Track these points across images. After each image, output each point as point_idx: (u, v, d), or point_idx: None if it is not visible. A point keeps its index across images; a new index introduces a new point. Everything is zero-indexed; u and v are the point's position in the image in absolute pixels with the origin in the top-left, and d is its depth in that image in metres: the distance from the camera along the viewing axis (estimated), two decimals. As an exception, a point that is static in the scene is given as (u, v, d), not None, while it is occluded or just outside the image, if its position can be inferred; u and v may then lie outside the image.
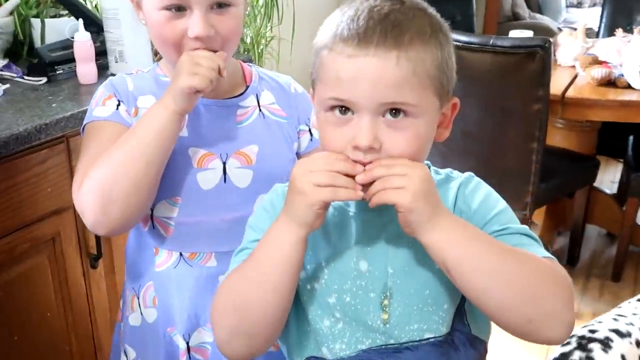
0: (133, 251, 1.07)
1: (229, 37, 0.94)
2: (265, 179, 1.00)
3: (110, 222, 0.92)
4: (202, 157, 0.97)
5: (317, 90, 0.76)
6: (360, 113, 0.71)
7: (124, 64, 1.55)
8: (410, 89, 0.70)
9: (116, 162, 0.90)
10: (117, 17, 1.52)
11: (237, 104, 1.02)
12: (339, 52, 0.71)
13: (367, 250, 0.78)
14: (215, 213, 0.99)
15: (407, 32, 0.70)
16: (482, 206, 0.77)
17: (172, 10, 0.91)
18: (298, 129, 1.07)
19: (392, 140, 0.71)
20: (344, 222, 0.79)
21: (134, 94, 0.99)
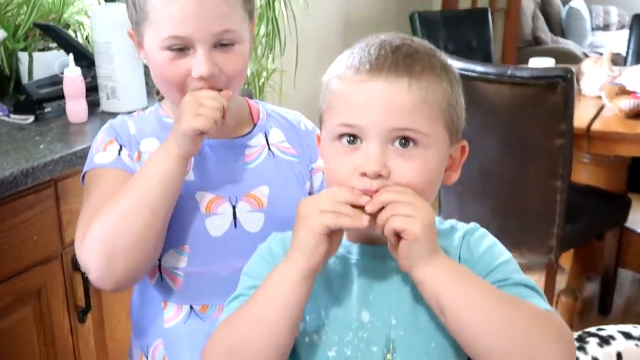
0: (138, 306, 1.08)
1: (234, 76, 0.97)
2: (278, 222, 1.02)
3: (116, 277, 0.94)
4: (210, 201, 1.00)
5: (325, 121, 0.80)
6: (369, 140, 0.75)
7: (116, 100, 1.59)
8: (422, 117, 0.74)
9: (120, 213, 0.92)
10: (109, 52, 1.56)
11: (244, 144, 1.04)
12: (349, 78, 0.76)
13: (369, 300, 0.79)
14: (227, 261, 1.00)
15: (419, 62, 0.76)
16: (486, 255, 0.80)
17: (175, 50, 0.94)
18: (310, 167, 1.09)
19: (401, 169, 0.75)
20: (346, 270, 0.81)
21: (137, 138, 1.02)
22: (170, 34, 0.93)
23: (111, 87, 1.59)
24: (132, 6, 0.97)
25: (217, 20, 0.93)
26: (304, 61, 2.55)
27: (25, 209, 1.27)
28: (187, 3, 0.92)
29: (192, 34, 0.93)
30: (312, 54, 3.08)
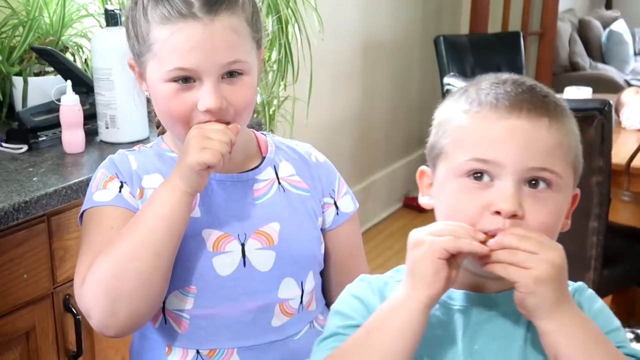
0: (139, 351, 1.10)
1: (242, 109, 1.00)
2: (290, 260, 1.05)
3: (118, 323, 0.96)
4: (218, 239, 1.02)
5: (447, 156, 0.84)
6: (502, 177, 0.79)
7: (115, 130, 1.63)
8: (558, 158, 0.80)
9: (123, 255, 0.94)
10: (110, 79, 1.60)
11: (253, 178, 1.07)
12: (485, 115, 0.81)
13: (475, 349, 0.83)
14: (236, 302, 1.03)
15: (553, 104, 0.82)
16: (599, 317, 0.84)
17: (179, 82, 0.97)
18: (322, 202, 1.12)
19: (535, 211, 0.79)
20: (448, 317, 0.85)
21: (139, 173, 1.04)
22: (176, 65, 0.96)
23: (111, 115, 1.62)
24: (134, 37, 1.00)
25: (225, 51, 0.96)
26: (319, 89, 2.59)
27: (15, 245, 1.30)
28: (193, 33, 0.95)
29: (199, 65, 0.95)
30: (328, 81, 3.12)
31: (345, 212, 1.15)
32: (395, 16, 3.76)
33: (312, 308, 1.11)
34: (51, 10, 1.83)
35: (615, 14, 6.42)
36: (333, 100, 3.28)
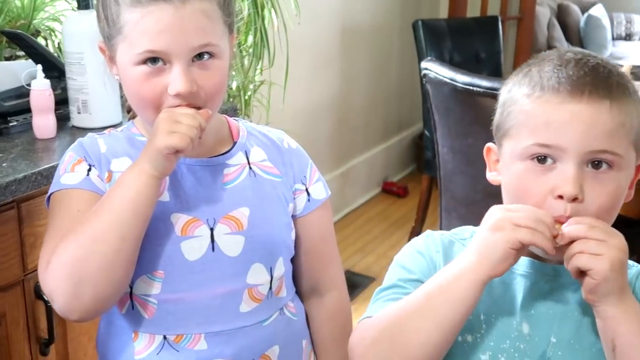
0: (106, 337, 1.10)
1: (213, 93, 1.00)
2: (259, 245, 1.05)
3: (83, 306, 0.96)
4: (187, 223, 1.02)
5: (511, 138, 0.88)
6: (564, 161, 0.83)
7: (87, 115, 1.61)
8: (619, 139, 0.83)
9: (87, 238, 0.94)
10: (81, 62, 1.58)
11: (223, 163, 1.07)
12: (547, 99, 0.84)
13: (531, 314, 0.89)
14: (204, 287, 1.02)
15: (615, 84, 0.84)
16: None
17: (149, 64, 0.96)
18: (293, 188, 1.12)
19: (594, 193, 0.83)
20: (510, 279, 0.90)
21: (107, 157, 1.04)
22: (146, 48, 0.95)
23: (83, 100, 1.61)
24: (104, 19, 1.00)
25: (195, 34, 0.96)
26: (296, 74, 2.57)
27: (-16, 232, 1.29)
28: (164, 16, 0.94)
29: (169, 48, 0.95)
30: (305, 65, 3.11)
31: (317, 198, 1.15)
32: (373, 0, 3.75)
33: (282, 294, 1.11)
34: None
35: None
36: (311, 84, 3.27)
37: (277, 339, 1.10)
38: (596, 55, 0.89)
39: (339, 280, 1.21)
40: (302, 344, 1.16)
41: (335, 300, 1.19)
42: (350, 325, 1.21)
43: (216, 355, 1.04)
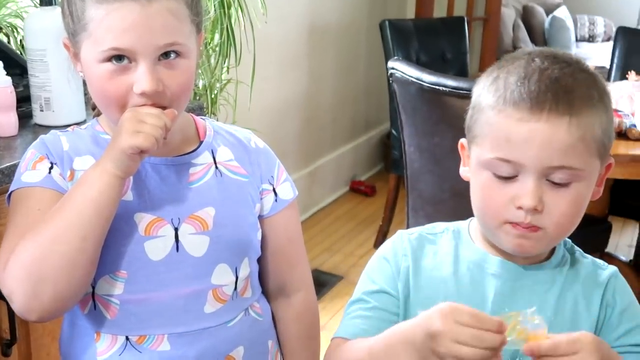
0: (68, 338, 1.08)
1: (178, 93, 0.99)
2: (225, 246, 1.04)
3: (42, 306, 0.94)
4: (151, 223, 1.01)
5: (477, 144, 0.90)
6: (524, 174, 0.85)
7: (50, 112, 1.58)
8: (578, 154, 0.84)
9: (47, 238, 0.92)
10: (44, 60, 1.55)
11: (189, 162, 1.06)
12: (508, 115, 0.85)
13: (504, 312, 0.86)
14: (167, 287, 1.02)
15: (578, 98, 0.85)
16: (628, 310, 0.93)
17: (114, 61, 0.95)
18: (260, 188, 1.11)
19: (554, 203, 0.85)
20: (481, 278, 0.93)
21: (70, 155, 1.02)
22: (111, 46, 0.94)
23: (45, 98, 1.58)
24: (68, 15, 0.98)
25: (162, 33, 0.95)
26: (263, 73, 2.57)
27: (-57, 232, 1.26)
28: (129, 13, 0.93)
29: (135, 46, 0.94)
30: (273, 64, 3.10)
31: (284, 199, 1.14)
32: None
33: (247, 295, 1.11)
34: (-17, -12, 1.77)
35: (558, 1, 6.53)
36: (278, 83, 3.26)
37: (241, 340, 1.09)
38: (564, 55, 0.89)
39: (306, 280, 1.21)
40: (268, 344, 1.15)
41: (302, 300, 1.19)
42: (317, 325, 1.21)
43: (179, 356, 1.03)
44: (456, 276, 0.94)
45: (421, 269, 0.96)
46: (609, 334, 0.92)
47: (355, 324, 0.95)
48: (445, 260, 0.96)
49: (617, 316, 0.93)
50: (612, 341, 0.92)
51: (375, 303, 0.95)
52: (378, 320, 0.95)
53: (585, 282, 0.94)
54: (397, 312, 0.95)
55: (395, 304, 0.95)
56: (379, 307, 0.96)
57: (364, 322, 0.95)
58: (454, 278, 0.94)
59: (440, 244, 0.98)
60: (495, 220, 0.89)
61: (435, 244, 0.98)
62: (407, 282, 0.96)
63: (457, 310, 0.77)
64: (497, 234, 0.91)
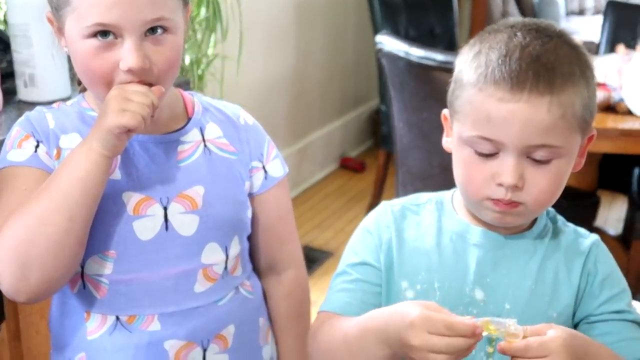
0: (58, 317, 1.08)
1: (166, 69, 0.97)
2: (214, 225, 1.04)
3: (30, 288, 0.94)
4: (139, 202, 1.00)
5: (457, 122, 0.91)
6: (505, 152, 0.86)
7: (34, 88, 1.57)
8: (558, 133, 0.85)
9: (34, 218, 0.91)
10: (27, 34, 1.53)
11: (177, 140, 1.05)
12: (489, 94, 0.85)
13: (486, 282, 0.92)
14: (157, 267, 1.01)
15: (559, 76, 0.84)
16: (610, 278, 0.94)
17: (99, 37, 0.93)
18: (250, 166, 1.11)
19: (535, 180, 0.86)
20: (464, 249, 0.94)
21: (56, 133, 1.01)
22: (95, 21, 0.92)
23: (29, 73, 1.56)
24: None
25: (148, 7, 0.93)
26: (250, 47, 2.55)
27: None
28: None
29: (120, 21, 0.92)
30: (259, 39, 3.08)
31: (274, 176, 1.14)
32: (329, -26, 3.73)
33: (237, 273, 1.11)
34: (-37, -38, 1.75)
35: (548, -25, 6.51)
36: (266, 59, 3.24)
37: (232, 319, 1.09)
38: (548, 28, 0.88)
39: (297, 257, 1.21)
40: (259, 322, 1.15)
41: (293, 278, 1.19)
42: (307, 302, 1.22)
43: (170, 336, 1.03)
44: (439, 247, 0.95)
45: (404, 240, 0.97)
46: (590, 302, 0.93)
47: (338, 297, 0.97)
48: (428, 231, 0.97)
49: (598, 284, 0.93)
50: (594, 309, 0.93)
51: (357, 275, 0.97)
52: (361, 292, 0.96)
53: (566, 251, 0.95)
54: (380, 283, 0.96)
55: (377, 275, 0.96)
56: (361, 280, 0.97)
57: (347, 295, 0.96)
58: (437, 249, 0.95)
59: (423, 215, 0.98)
60: (476, 195, 0.90)
61: (418, 215, 0.98)
62: (389, 253, 0.97)
63: (429, 321, 0.78)
64: (478, 208, 0.92)
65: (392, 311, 0.84)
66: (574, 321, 0.94)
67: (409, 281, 0.94)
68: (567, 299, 0.93)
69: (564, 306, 0.93)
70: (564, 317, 0.93)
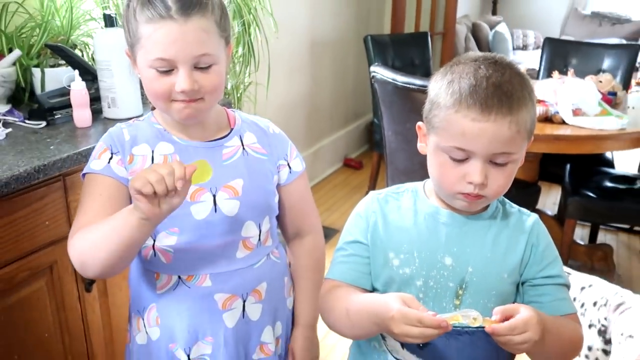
0: (135, 277, 1.09)
1: (211, 90, 0.97)
2: (251, 208, 1.04)
3: (90, 275, 0.97)
4: (195, 192, 1.00)
5: (434, 134, 0.89)
6: (475, 158, 0.85)
7: (116, 109, 1.57)
8: (514, 143, 0.85)
9: (89, 244, 0.92)
10: (110, 68, 1.54)
11: (222, 145, 1.05)
12: (464, 115, 0.84)
13: (453, 251, 0.92)
14: (209, 239, 1.01)
15: (515, 100, 0.84)
16: (547, 249, 0.94)
17: (160, 67, 0.94)
18: (277, 164, 1.10)
19: (495, 178, 0.86)
20: (435, 227, 0.93)
21: (131, 144, 1.02)
22: (157, 56, 0.93)
23: (111, 97, 1.57)
24: (127, 32, 0.97)
25: (196, 45, 0.93)
26: (275, 76, 2.55)
27: (37, 200, 1.25)
28: (171, 31, 0.92)
29: (176, 56, 0.93)
30: (282, 70, 3.08)
31: (296, 171, 1.13)
32: (335, 20, 3.71)
33: (268, 244, 1.10)
34: (61, 15, 1.75)
35: (499, 19, 6.47)
36: (287, 85, 3.24)
37: (264, 277, 1.09)
38: (502, 61, 0.87)
39: (316, 227, 1.20)
40: (284, 280, 1.15)
41: (312, 240, 1.18)
42: (322, 261, 1.20)
43: (218, 290, 1.04)
44: (416, 225, 0.93)
45: (389, 221, 0.95)
46: (533, 267, 0.92)
47: (339, 268, 0.97)
48: (407, 213, 0.96)
49: (540, 253, 0.92)
50: (535, 273, 0.92)
51: (351, 251, 0.96)
52: (354, 264, 0.95)
53: (513, 228, 0.94)
54: (368, 255, 0.95)
55: (366, 249, 0.95)
56: (354, 254, 0.96)
57: (345, 266, 0.96)
58: (415, 227, 0.93)
59: (402, 201, 0.97)
60: (449, 191, 0.89)
61: (398, 200, 0.97)
62: (375, 232, 0.95)
63: (405, 316, 0.79)
64: (451, 199, 0.91)
65: (381, 302, 0.84)
66: (521, 280, 0.93)
67: (394, 252, 0.93)
68: (514, 263, 0.92)
69: (512, 269, 0.92)
70: (513, 277, 0.92)
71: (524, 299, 0.93)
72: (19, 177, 1.18)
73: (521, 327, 0.78)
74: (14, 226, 1.22)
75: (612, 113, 2.26)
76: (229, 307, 1.05)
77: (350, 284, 0.95)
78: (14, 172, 1.18)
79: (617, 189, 2.39)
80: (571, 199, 2.37)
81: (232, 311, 1.05)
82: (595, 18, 6.72)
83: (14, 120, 1.53)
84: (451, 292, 0.91)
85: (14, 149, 1.32)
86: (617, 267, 2.69)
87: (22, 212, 1.23)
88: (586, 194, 2.36)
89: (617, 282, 2.56)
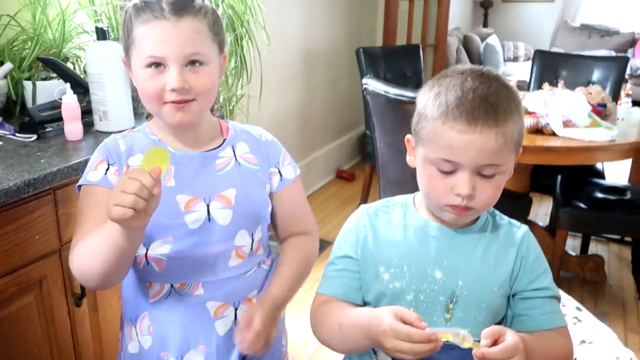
0: (128, 287, 1.09)
1: (201, 90, 0.98)
2: (244, 217, 1.05)
3: (91, 286, 0.98)
4: (189, 201, 1.01)
5: (422, 147, 0.88)
6: (462, 170, 0.85)
7: (107, 122, 1.57)
8: (501, 155, 0.84)
9: (86, 256, 0.93)
10: (101, 81, 1.54)
11: (216, 155, 1.06)
12: (451, 127, 0.84)
13: (444, 264, 0.91)
14: (202, 248, 1.01)
15: (502, 112, 0.84)
16: (537, 261, 0.93)
17: (152, 67, 0.95)
18: (269, 171, 1.11)
19: (483, 190, 0.85)
20: (425, 240, 0.92)
21: (126, 154, 1.02)
22: (149, 54, 0.95)
23: (103, 110, 1.57)
24: (123, 36, 1.00)
25: (187, 44, 0.95)
26: (267, 88, 2.56)
27: (27, 214, 1.25)
28: (163, 30, 0.94)
29: (167, 54, 0.94)
30: (274, 82, 3.09)
31: (287, 178, 1.13)
32: (327, 32, 3.73)
33: (259, 253, 1.11)
34: (54, 28, 1.75)
35: (490, 31, 6.53)
36: (280, 97, 3.24)
37: (256, 286, 1.09)
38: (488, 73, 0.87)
39: (311, 229, 1.19)
40: None
41: (304, 237, 1.17)
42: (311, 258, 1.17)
43: (210, 298, 1.04)
44: (406, 239, 0.93)
45: (379, 235, 0.95)
46: (523, 279, 0.92)
47: (329, 283, 0.96)
48: (396, 227, 0.95)
49: (530, 265, 0.92)
50: (525, 285, 0.92)
51: (341, 265, 0.96)
52: (344, 279, 0.95)
53: (503, 240, 0.93)
54: (358, 270, 0.95)
55: (356, 264, 0.95)
56: (344, 269, 0.95)
57: (334, 281, 0.96)
58: (405, 241, 0.93)
59: (392, 214, 0.96)
60: (438, 202, 0.88)
61: (388, 214, 0.97)
62: (365, 247, 0.95)
63: (395, 331, 0.79)
64: (439, 211, 0.90)
65: (373, 315, 0.83)
66: (511, 293, 0.93)
67: (384, 266, 0.92)
68: (505, 276, 0.91)
69: (502, 281, 0.91)
70: (503, 289, 0.91)
71: (514, 312, 0.92)
72: (8, 191, 1.17)
73: (510, 351, 0.78)
74: (3, 240, 1.21)
75: (602, 124, 2.28)
76: (221, 315, 1.05)
77: (341, 299, 0.94)
78: (3, 186, 1.17)
79: (608, 200, 2.40)
80: (562, 210, 2.38)
81: (224, 319, 1.05)
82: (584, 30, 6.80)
83: (5, 134, 1.52)
84: (442, 306, 0.90)
85: (4, 162, 1.32)
86: (608, 278, 2.70)
87: (12, 226, 1.22)
88: (577, 205, 2.37)
89: (609, 292, 2.57)
